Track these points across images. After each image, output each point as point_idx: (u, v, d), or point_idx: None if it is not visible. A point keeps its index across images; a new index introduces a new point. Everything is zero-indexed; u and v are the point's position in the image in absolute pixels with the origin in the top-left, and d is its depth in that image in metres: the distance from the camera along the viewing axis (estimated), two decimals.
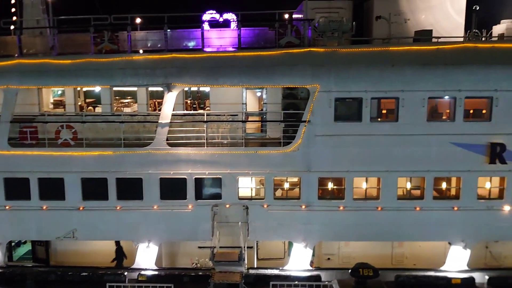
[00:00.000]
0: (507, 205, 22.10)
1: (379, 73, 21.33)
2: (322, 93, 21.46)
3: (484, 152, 21.65)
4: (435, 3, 24.76)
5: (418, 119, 21.53)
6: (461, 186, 22.04)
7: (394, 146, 21.71)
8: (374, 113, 21.86)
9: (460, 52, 21.27)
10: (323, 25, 22.31)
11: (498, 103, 21.30)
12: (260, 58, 21.72)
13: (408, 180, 22.42)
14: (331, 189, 22.59)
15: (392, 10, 24.45)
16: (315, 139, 21.76)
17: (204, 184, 22.61)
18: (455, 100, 21.44)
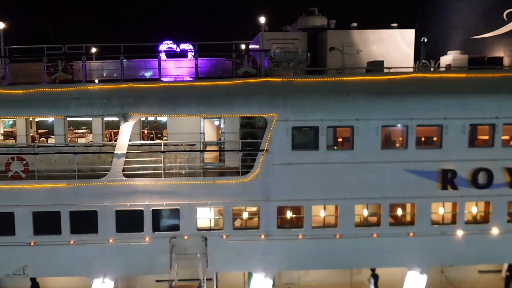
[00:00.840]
0: (460, 230, 22.73)
1: (334, 102, 21.82)
2: (280, 122, 21.70)
3: (436, 178, 22.32)
4: (385, 35, 25.74)
5: (372, 147, 22.05)
6: (415, 212, 22.56)
7: (351, 174, 22.08)
8: (330, 141, 22.24)
9: (411, 82, 22.08)
10: (279, 55, 22.76)
11: (447, 130, 22.13)
12: (218, 88, 21.83)
13: (365, 207, 22.78)
14: (290, 218, 22.64)
15: (345, 41, 25.25)
16: (273, 168, 21.87)
17: (162, 215, 22.20)
18: (407, 128, 22.13)
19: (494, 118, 22.21)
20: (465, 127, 22.14)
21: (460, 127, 22.11)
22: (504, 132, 22.50)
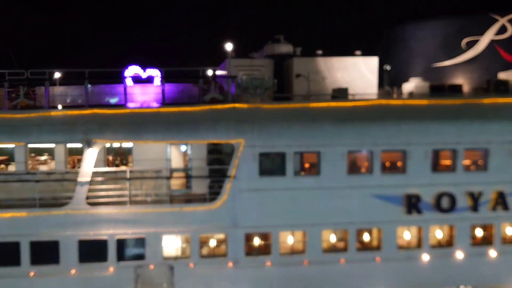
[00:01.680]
0: (425, 254, 23.01)
1: (301, 128, 22.01)
2: (247, 148, 21.71)
3: (401, 203, 22.66)
4: (349, 62, 26.30)
5: (339, 172, 22.26)
6: (382, 237, 22.75)
7: (318, 200, 22.18)
8: (297, 167, 22.37)
9: (375, 108, 22.54)
10: (246, 82, 22.90)
11: (411, 156, 22.58)
12: (185, 114, 21.73)
13: (332, 233, 22.83)
14: (258, 245, 22.46)
15: (311, 68, 25.68)
16: (240, 194, 21.75)
17: (127, 244, 21.66)
18: (372, 153, 22.48)
19: (455, 143, 22.82)
20: (428, 153, 22.66)
21: (423, 153, 22.60)
22: (466, 157, 23.13)
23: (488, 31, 32.15)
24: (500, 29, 32.10)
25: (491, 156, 23.09)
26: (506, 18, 32.06)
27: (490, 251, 23.50)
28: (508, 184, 23.26)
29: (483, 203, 23.17)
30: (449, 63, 32.75)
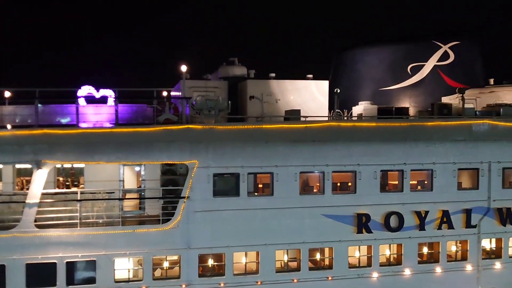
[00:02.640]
0: (375, 272, 23.62)
1: (254, 149, 22.35)
2: (201, 169, 21.79)
3: (352, 222, 23.25)
4: (301, 85, 27.04)
5: (291, 193, 22.67)
6: (333, 256, 23.22)
7: (271, 220, 22.45)
8: (251, 187, 22.62)
9: (326, 130, 23.20)
10: (200, 103, 23.07)
11: (361, 176, 23.31)
12: (138, 134, 21.63)
13: (285, 253, 23.11)
14: (211, 266, 22.42)
15: (264, 91, 26.23)
16: (194, 215, 21.74)
17: (77, 267, 21.12)
18: (323, 174, 23.06)
19: (402, 164, 23.75)
20: (376, 173, 23.46)
21: (372, 173, 23.39)
22: (412, 177, 24.09)
23: (432, 57, 33.89)
24: (443, 56, 33.92)
25: (436, 177, 24.14)
26: (448, 45, 33.94)
27: (437, 268, 24.38)
28: (452, 203, 24.34)
29: (429, 222, 24.09)
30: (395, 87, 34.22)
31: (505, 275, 25.16)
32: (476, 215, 24.61)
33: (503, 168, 24.88)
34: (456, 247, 25.01)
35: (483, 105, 29.02)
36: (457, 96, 26.26)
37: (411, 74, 34.11)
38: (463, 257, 24.93)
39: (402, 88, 34.24)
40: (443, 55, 33.85)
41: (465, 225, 24.54)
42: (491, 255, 25.34)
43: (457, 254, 25.02)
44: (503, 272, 25.13)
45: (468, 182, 25.08)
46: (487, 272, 24.92)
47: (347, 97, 31.53)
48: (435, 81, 33.75)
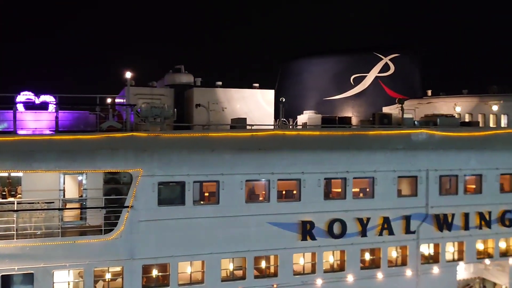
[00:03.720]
0: (319, 279, 23.98)
1: (200, 157, 22.22)
2: (145, 178, 21.42)
3: (296, 230, 23.54)
4: (248, 94, 27.19)
5: (237, 201, 22.68)
6: (278, 263, 23.39)
7: (217, 228, 22.36)
8: (196, 196, 22.46)
9: (271, 138, 23.42)
10: (145, 110, 22.70)
11: (305, 184, 23.67)
12: (80, 142, 20.98)
13: (231, 261, 23.05)
14: (156, 276, 22.01)
15: (211, 99, 26.17)
16: (138, 225, 21.31)
17: (13, 281, 20.14)
18: (269, 182, 23.24)
19: (345, 172, 24.33)
20: (320, 181, 23.89)
21: (316, 181, 23.81)
22: (354, 185, 24.70)
23: (373, 69, 35.06)
24: (384, 67, 35.17)
25: (377, 184, 24.88)
26: (389, 58, 35.23)
27: (378, 274, 25.05)
28: (392, 210, 25.14)
29: (370, 228, 24.76)
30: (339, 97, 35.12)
31: (442, 279, 26.20)
32: (415, 221, 25.54)
33: (440, 175, 25.98)
34: (396, 253, 25.81)
35: (422, 115, 30.28)
36: (397, 106, 27.25)
37: (353, 84, 35.12)
38: (403, 262, 25.75)
39: (345, 98, 35.19)
40: (384, 67, 35.11)
41: (404, 231, 25.39)
42: (429, 260, 26.32)
43: (397, 259, 25.81)
44: (441, 276, 26.16)
45: (407, 190, 26.02)
46: (426, 276, 25.86)
47: (293, 106, 32.02)
48: (376, 92, 34.93)
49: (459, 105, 32.28)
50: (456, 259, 26.76)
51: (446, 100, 33.10)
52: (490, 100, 32.54)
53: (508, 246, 27.87)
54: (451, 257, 26.66)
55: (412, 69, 35.98)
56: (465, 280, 28.91)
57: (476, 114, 32.45)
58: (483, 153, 26.61)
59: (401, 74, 35.22)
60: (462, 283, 28.74)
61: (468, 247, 26.65)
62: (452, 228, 26.15)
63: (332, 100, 35.09)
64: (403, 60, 35.32)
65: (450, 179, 26.42)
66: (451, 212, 26.12)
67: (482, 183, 26.84)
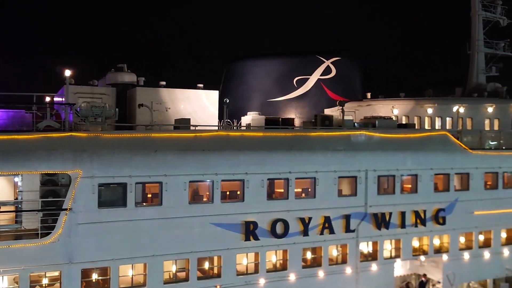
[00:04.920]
0: (262, 279, 24.20)
1: (143, 158, 21.88)
2: (85, 179, 20.84)
3: (240, 230, 23.65)
4: (192, 94, 27.05)
5: (180, 202, 22.51)
6: (221, 264, 23.42)
7: (159, 230, 22.09)
8: (139, 198, 22.10)
9: (215, 139, 23.43)
10: (85, 110, 22.07)
11: (249, 185, 23.84)
12: (15, 142, 20.13)
13: (174, 263, 22.85)
14: (95, 280, 21.46)
15: (154, 99, 25.83)
16: (77, 228, 20.69)
17: None
18: (213, 183, 23.22)
19: (288, 172, 24.70)
20: (263, 181, 24.14)
21: (260, 181, 24.03)
22: (297, 185, 25.13)
23: (315, 71, 35.84)
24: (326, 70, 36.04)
25: (318, 184, 25.43)
26: (330, 60, 36.13)
27: (319, 272, 25.60)
28: (333, 209, 25.77)
29: (312, 227, 25.27)
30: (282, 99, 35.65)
31: (380, 276, 27.13)
32: (354, 220, 26.30)
33: (378, 176, 26.90)
34: (337, 251, 26.47)
35: (361, 117, 31.25)
36: (338, 108, 27.95)
37: (296, 86, 35.75)
38: (343, 260, 26.44)
39: (289, 100, 35.76)
40: (326, 70, 35.96)
41: (345, 230, 26.09)
42: (368, 257, 27.18)
43: (337, 257, 26.47)
44: (379, 273, 27.08)
45: (347, 189, 26.77)
46: (365, 273, 26.69)
47: (237, 108, 32.20)
48: (318, 94, 35.72)
49: (397, 107, 33.59)
50: (394, 256, 27.74)
51: (384, 102, 34.34)
52: (426, 103, 34.10)
53: (442, 243, 29.25)
54: (388, 255, 27.62)
55: (352, 72, 37.07)
56: (402, 276, 30.12)
57: (412, 117, 33.92)
58: (419, 154, 27.78)
59: (342, 77, 36.22)
60: (399, 280, 29.92)
61: (404, 244, 27.74)
62: (390, 226, 27.12)
63: (275, 101, 35.55)
64: (344, 64, 36.32)
65: (388, 179, 27.41)
66: (389, 211, 27.09)
67: (418, 183, 28.00)
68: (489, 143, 31.52)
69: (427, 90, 37.79)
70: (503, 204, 30.23)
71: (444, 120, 34.18)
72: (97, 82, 28.18)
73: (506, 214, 30.36)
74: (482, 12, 39.09)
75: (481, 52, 39.43)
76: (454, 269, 28.04)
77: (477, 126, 34.27)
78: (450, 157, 28.65)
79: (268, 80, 35.66)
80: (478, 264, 29.71)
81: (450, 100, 35.53)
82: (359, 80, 37.66)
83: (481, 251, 29.90)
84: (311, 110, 34.44)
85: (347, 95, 35.26)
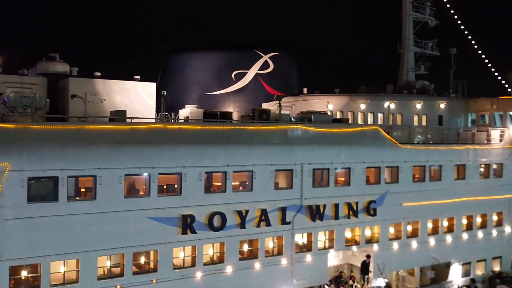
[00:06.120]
0: (199, 272, 24.21)
1: (76, 151, 21.21)
2: (13, 173, 19.92)
3: (177, 224, 23.50)
4: (128, 86, 26.49)
5: (116, 196, 22.04)
6: (158, 258, 23.18)
7: (93, 225, 21.53)
8: (71, 192, 21.42)
9: (152, 132, 23.09)
10: (13, 100, 21.06)
11: (186, 178, 23.71)
12: None
13: (108, 259, 22.36)
14: (25, 278, 20.61)
15: (88, 90, 25.08)
16: (5, 224, 19.77)
17: None
18: (149, 176, 22.90)
19: (225, 166, 24.80)
20: (201, 175, 24.10)
21: (197, 175, 23.97)
22: (234, 178, 25.28)
23: (253, 66, 36.16)
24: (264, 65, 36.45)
25: (256, 178, 25.71)
26: (268, 56, 36.58)
27: (256, 264, 25.94)
28: (269, 202, 26.16)
29: (249, 220, 25.55)
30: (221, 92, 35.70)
31: (315, 266, 27.89)
32: (290, 213, 26.84)
33: (313, 169, 27.57)
34: (273, 243, 26.91)
35: (298, 111, 31.86)
36: (275, 103, 28.33)
37: (235, 80, 35.90)
38: (279, 252, 26.92)
39: (227, 94, 35.87)
40: (264, 64, 36.37)
41: (281, 222, 26.57)
42: (303, 248, 27.84)
43: (273, 249, 26.92)
44: (313, 263, 27.82)
45: (284, 182, 27.26)
46: (300, 264, 27.33)
47: (175, 100, 31.87)
48: (256, 88, 36.08)
49: (332, 103, 34.57)
50: (327, 247, 28.59)
51: (320, 98, 35.23)
52: (359, 99, 35.34)
53: (373, 233, 30.46)
54: (322, 245, 28.42)
55: (289, 67, 37.73)
56: (335, 266, 31.13)
57: (346, 112, 35.07)
58: (352, 148, 28.72)
59: (280, 72, 36.79)
60: (333, 269, 30.91)
61: (337, 235, 28.65)
62: (324, 218, 27.89)
63: (214, 95, 35.53)
64: (281, 59, 36.88)
65: (322, 172, 28.15)
66: (323, 203, 27.85)
67: (351, 176, 28.97)
68: (417, 138, 33.10)
69: (361, 87, 39.18)
70: (430, 196, 31.87)
71: (376, 115, 35.58)
72: (27, 71, 26.99)
73: (432, 205, 32.03)
74: (413, 12, 40.94)
75: (411, 51, 41.32)
76: (384, 259, 29.29)
77: (407, 122, 35.97)
78: (381, 151, 29.82)
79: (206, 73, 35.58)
80: (406, 253, 31.19)
81: (381, 96, 36.99)
82: (296, 75, 38.38)
83: (409, 241, 31.39)
84: (249, 104, 34.71)
85: (284, 90, 35.84)
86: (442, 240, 32.73)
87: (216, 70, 35.76)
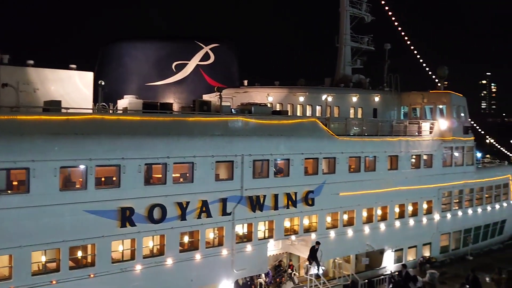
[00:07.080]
0: (138, 265, 23.91)
1: (7, 143, 20.33)
2: None
3: (115, 217, 23.07)
4: (64, 75, 25.48)
5: (50, 189, 21.33)
6: (96, 252, 22.70)
7: (26, 219, 20.74)
8: (2, 185, 20.52)
9: (89, 123, 22.48)
10: None
11: (125, 170, 23.29)
12: None
13: (43, 254, 21.64)
14: None
15: (21, 78, 23.93)
16: None
17: None
18: (86, 168, 22.31)
19: (166, 157, 24.58)
20: (141, 167, 23.77)
21: (137, 167, 23.61)
22: (175, 170, 25.13)
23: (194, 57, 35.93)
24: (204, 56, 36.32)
25: (196, 169, 25.67)
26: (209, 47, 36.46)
27: (196, 255, 25.97)
28: (210, 193, 26.23)
29: (190, 212, 25.50)
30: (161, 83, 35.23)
31: (255, 256, 28.29)
32: (231, 204, 27.04)
33: (253, 160, 27.88)
34: (213, 234, 27.04)
35: (238, 103, 32.06)
36: (216, 94, 28.35)
37: (175, 71, 35.53)
38: (219, 243, 27.07)
39: (167, 85, 35.46)
40: (205, 56, 36.23)
41: (221, 213, 26.71)
42: (243, 239, 28.16)
43: (214, 240, 27.06)
44: (253, 253, 28.22)
45: (225, 174, 27.40)
46: (240, 254, 27.64)
47: (113, 91, 31.08)
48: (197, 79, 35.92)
49: (271, 95, 35.02)
50: (267, 237, 29.07)
51: (260, 90, 35.58)
52: (298, 92, 36.02)
53: (311, 223, 31.27)
54: (262, 235, 28.88)
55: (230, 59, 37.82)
56: (274, 255, 31.73)
57: (285, 104, 35.65)
58: (291, 139, 29.27)
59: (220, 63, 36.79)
60: (272, 259, 31.50)
61: (277, 225, 29.18)
62: (264, 208, 28.31)
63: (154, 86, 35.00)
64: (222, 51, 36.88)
65: (262, 163, 28.52)
66: (263, 194, 28.25)
67: (290, 167, 29.54)
68: (353, 130, 34.21)
69: (299, 80, 39.91)
70: (364, 186, 33.09)
71: (314, 108, 36.42)
72: None
73: (367, 195, 33.29)
74: (350, 8, 42.07)
75: (347, 46, 42.51)
76: (321, 247, 30.16)
77: (343, 114, 37.07)
78: (319, 142, 30.58)
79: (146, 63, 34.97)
80: (342, 241, 32.28)
81: (319, 89, 37.88)
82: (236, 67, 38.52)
83: (345, 229, 32.50)
84: (189, 96, 34.51)
85: (225, 81, 35.90)
86: (376, 228, 34.10)
87: (156, 60, 35.22)
